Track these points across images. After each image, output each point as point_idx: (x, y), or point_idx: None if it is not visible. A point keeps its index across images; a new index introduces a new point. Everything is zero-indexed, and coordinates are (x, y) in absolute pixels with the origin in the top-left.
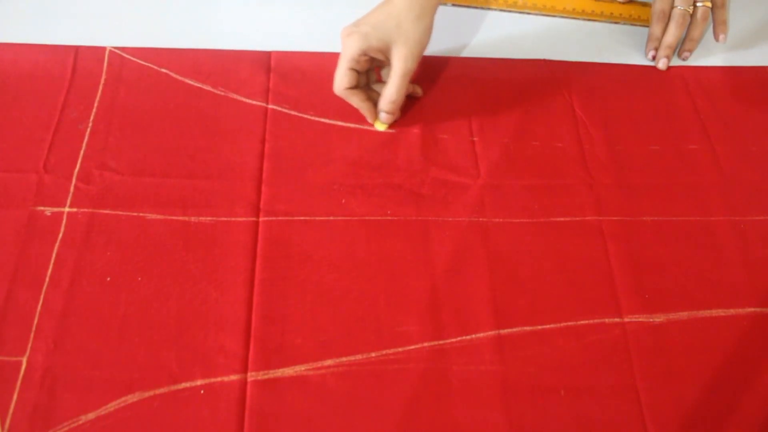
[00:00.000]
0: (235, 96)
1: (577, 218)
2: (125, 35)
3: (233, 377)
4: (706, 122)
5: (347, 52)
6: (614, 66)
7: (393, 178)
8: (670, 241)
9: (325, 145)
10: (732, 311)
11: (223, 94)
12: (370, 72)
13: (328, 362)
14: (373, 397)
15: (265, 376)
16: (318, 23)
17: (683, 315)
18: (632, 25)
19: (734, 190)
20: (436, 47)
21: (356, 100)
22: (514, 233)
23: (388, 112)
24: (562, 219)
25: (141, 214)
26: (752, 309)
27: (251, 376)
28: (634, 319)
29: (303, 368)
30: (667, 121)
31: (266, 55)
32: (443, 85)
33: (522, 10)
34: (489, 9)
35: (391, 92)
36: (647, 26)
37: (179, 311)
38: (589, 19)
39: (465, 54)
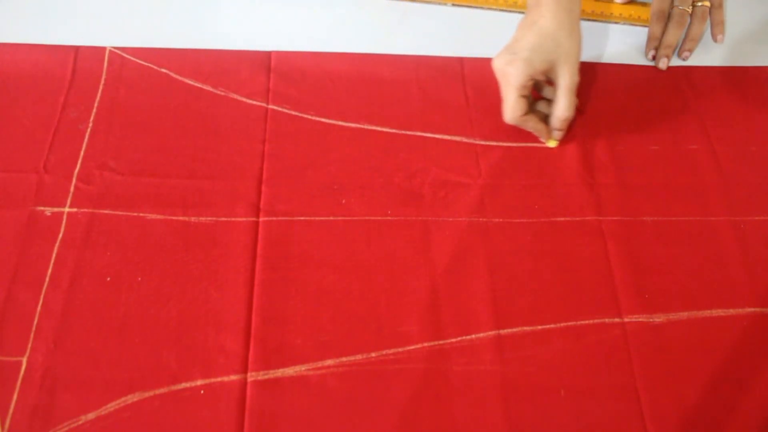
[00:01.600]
0: (235, 96)
1: (578, 218)
2: (125, 35)
3: (233, 377)
4: (706, 122)
5: (515, 80)
6: (614, 66)
7: (393, 178)
8: (670, 241)
9: (325, 145)
10: (732, 311)
11: (223, 94)
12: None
13: (329, 362)
14: (374, 397)
15: (266, 376)
16: (319, 23)
17: (683, 315)
18: (632, 25)
19: (734, 191)
20: (437, 47)
21: (532, 125)
22: (514, 233)
23: (560, 129)
24: (562, 219)
25: (141, 214)
26: (752, 309)
27: (251, 376)
28: (634, 320)
29: (303, 368)
30: (666, 121)
31: (266, 56)
32: (443, 86)
33: (522, 10)
34: (489, 9)
35: (563, 110)
36: (647, 26)
37: (179, 311)
38: (589, 19)
39: (465, 54)
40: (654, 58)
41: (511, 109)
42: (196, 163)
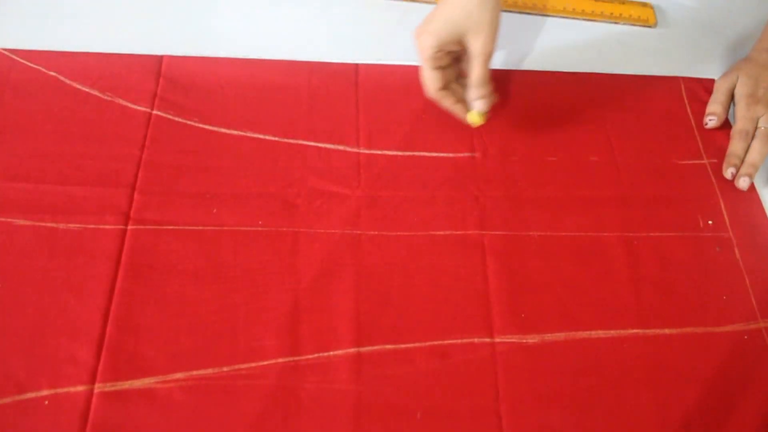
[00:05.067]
0: (120, 101)
1: (459, 232)
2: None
3: (80, 388)
4: (611, 133)
5: (424, 52)
6: (518, 72)
7: (268, 188)
8: (556, 257)
9: (204, 152)
10: (613, 332)
11: (109, 99)
12: (453, 68)
13: (178, 375)
14: (220, 413)
15: (113, 388)
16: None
17: (560, 336)
18: (632, 25)
19: (631, 205)
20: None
21: (449, 102)
22: (387, 247)
23: (482, 97)
24: (442, 233)
25: (9, 220)
26: (634, 330)
27: (98, 387)
28: (505, 340)
29: (152, 381)
30: (570, 131)
31: (158, 60)
32: (334, 93)
33: (522, 10)
34: None
35: (477, 77)
36: (647, 26)
37: (35, 319)
38: (589, 19)
39: None
40: (733, 175)
41: (428, 83)
42: (72, 169)
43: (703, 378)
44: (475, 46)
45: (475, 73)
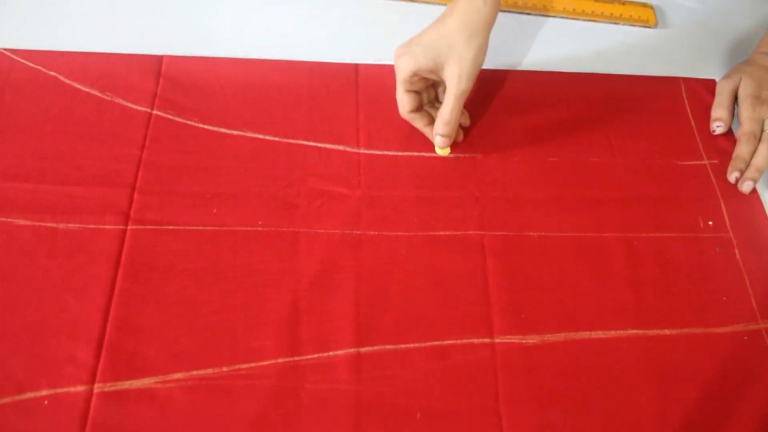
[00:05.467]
0: (120, 101)
1: (459, 232)
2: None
3: (79, 388)
4: (611, 134)
5: (400, 74)
6: (518, 72)
7: (268, 188)
8: (556, 258)
9: (204, 152)
10: (613, 333)
11: (109, 99)
12: (429, 90)
13: (178, 375)
14: (220, 413)
15: (112, 388)
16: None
17: (560, 336)
18: (632, 25)
19: (631, 206)
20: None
21: (420, 124)
22: (387, 247)
23: (443, 135)
24: (442, 233)
25: (9, 220)
26: (634, 331)
27: (98, 387)
28: (505, 340)
29: (152, 381)
30: (571, 132)
31: (158, 60)
32: (335, 93)
33: (522, 10)
34: None
35: (445, 114)
36: (647, 26)
37: (36, 319)
38: (589, 19)
39: None
40: (738, 180)
41: (400, 104)
42: (72, 169)
43: (703, 378)
44: (451, 82)
45: (444, 110)
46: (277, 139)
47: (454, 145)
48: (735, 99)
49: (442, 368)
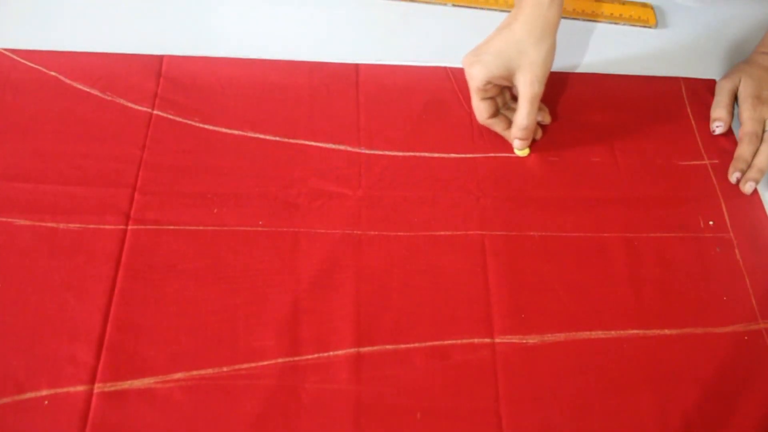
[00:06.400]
0: (121, 101)
1: (459, 232)
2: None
3: (79, 388)
4: (613, 134)
5: (473, 83)
6: None
7: (269, 188)
8: (556, 258)
9: (205, 152)
10: (614, 333)
11: (109, 98)
12: (503, 93)
13: (178, 375)
14: (219, 413)
15: (112, 388)
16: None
17: (560, 336)
18: (632, 25)
19: (632, 206)
20: (436, 48)
21: (498, 129)
22: (388, 247)
23: (520, 139)
24: (442, 233)
25: (9, 220)
26: (635, 331)
27: (98, 387)
28: (506, 340)
29: (152, 381)
30: (571, 132)
31: (158, 60)
32: (335, 93)
33: None
34: (489, 9)
35: (521, 119)
36: (647, 26)
37: (36, 319)
38: (589, 20)
39: (461, 55)
40: (738, 180)
41: (477, 112)
42: (72, 169)
43: (703, 379)
44: (524, 87)
45: (519, 114)
46: (277, 139)
47: (459, 141)
48: (735, 99)
49: (443, 368)
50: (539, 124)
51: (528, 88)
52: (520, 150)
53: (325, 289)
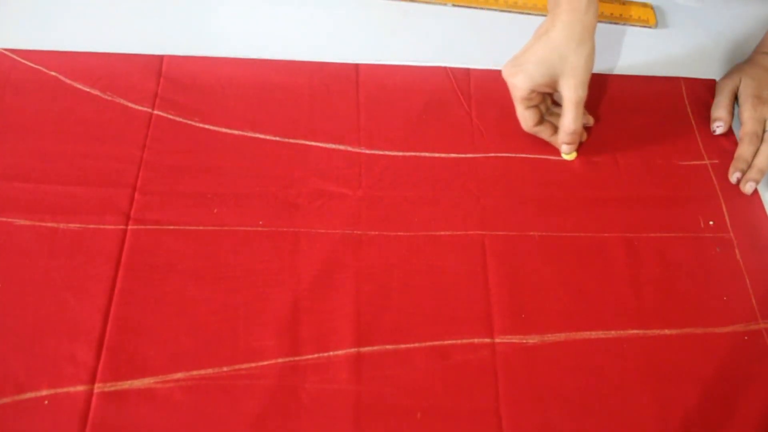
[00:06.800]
0: (121, 101)
1: (459, 232)
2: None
3: (79, 388)
4: (614, 133)
5: (517, 93)
6: None
7: (269, 188)
8: (556, 258)
9: (205, 152)
10: (614, 333)
11: (109, 99)
12: (546, 99)
13: (178, 375)
14: (220, 413)
15: (112, 388)
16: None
17: (560, 336)
18: (632, 25)
19: (633, 206)
20: (436, 48)
21: (545, 135)
22: (388, 247)
23: (568, 144)
24: (442, 233)
25: (9, 220)
26: (635, 331)
27: (98, 387)
28: (506, 340)
29: (152, 381)
30: None
31: (159, 60)
32: (336, 93)
33: (522, 10)
34: (489, 9)
35: (568, 124)
36: (647, 26)
37: (35, 319)
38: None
39: (465, 56)
40: (739, 180)
41: (522, 121)
42: (72, 169)
43: (703, 379)
44: (568, 92)
45: (566, 119)
46: (277, 138)
47: (459, 141)
48: (735, 99)
49: (443, 368)
50: (584, 127)
51: (572, 92)
52: (568, 154)
53: (325, 289)
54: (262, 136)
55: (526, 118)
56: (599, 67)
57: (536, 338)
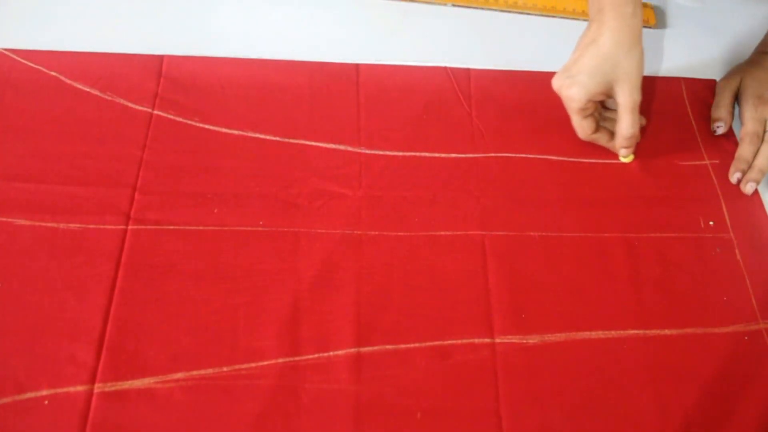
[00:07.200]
0: (121, 101)
1: (459, 232)
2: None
3: (79, 388)
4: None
5: (574, 105)
6: (519, 72)
7: (270, 188)
8: (556, 258)
9: (205, 152)
10: (614, 333)
11: (109, 99)
12: (598, 107)
13: (178, 375)
14: (220, 413)
15: (113, 388)
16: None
17: (560, 337)
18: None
19: (634, 205)
20: (436, 48)
21: (602, 142)
22: (388, 247)
23: (626, 147)
24: (443, 233)
25: (9, 220)
26: (635, 331)
27: (98, 387)
28: (506, 340)
29: (152, 381)
30: (570, 131)
31: (159, 60)
32: (336, 93)
33: (522, 10)
34: (489, 9)
35: (626, 129)
36: (647, 26)
37: (36, 319)
38: (589, 20)
39: (466, 56)
40: (739, 180)
41: (581, 131)
42: (73, 169)
43: (703, 379)
44: (624, 97)
45: (624, 124)
46: (278, 139)
47: (459, 141)
48: (735, 99)
49: (443, 368)
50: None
51: (628, 97)
52: (626, 157)
53: (325, 289)
54: (262, 136)
55: (584, 128)
56: None
57: (536, 338)
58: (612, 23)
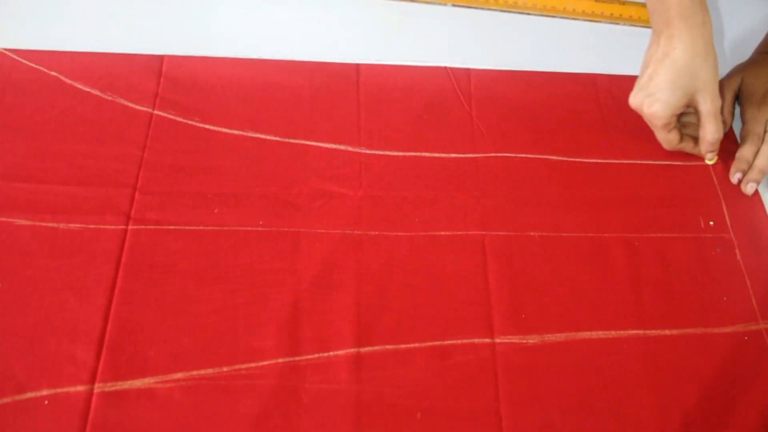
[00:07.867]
0: (121, 101)
1: (460, 232)
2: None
3: (80, 388)
4: (616, 134)
5: (659, 122)
6: (519, 72)
7: (270, 188)
8: (556, 258)
9: (205, 152)
10: (614, 333)
11: (110, 98)
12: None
13: (178, 375)
14: (220, 413)
15: (113, 388)
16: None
17: (560, 336)
18: (632, 25)
19: (632, 206)
20: (436, 47)
21: (688, 149)
22: (388, 247)
23: (711, 152)
24: (443, 233)
25: (9, 220)
26: (635, 331)
27: (98, 387)
28: (506, 340)
29: (152, 381)
30: (570, 131)
31: (159, 60)
32: (336, 93)
33: (522, 10)
34: (489, 9)
35: (711, 134)
36: (647, 27)
37: (36, 319)
38: (589, 20)
39: (466, 56)
40: (739, 180)
41: (668, 143)
42: (73, 169)
43: (703, 379)
44: (705, 106)
45: (708, 130)
46: (278, 139)
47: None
48: (736, 99)
49: (443, 368)
50: None
51: (710, 105)
52: (711, 160)
53: (325, 289)
54: (262, 136)
55: (670, 141)
56: (599, 68)
57: (536, 338)
58: (683, 35)
